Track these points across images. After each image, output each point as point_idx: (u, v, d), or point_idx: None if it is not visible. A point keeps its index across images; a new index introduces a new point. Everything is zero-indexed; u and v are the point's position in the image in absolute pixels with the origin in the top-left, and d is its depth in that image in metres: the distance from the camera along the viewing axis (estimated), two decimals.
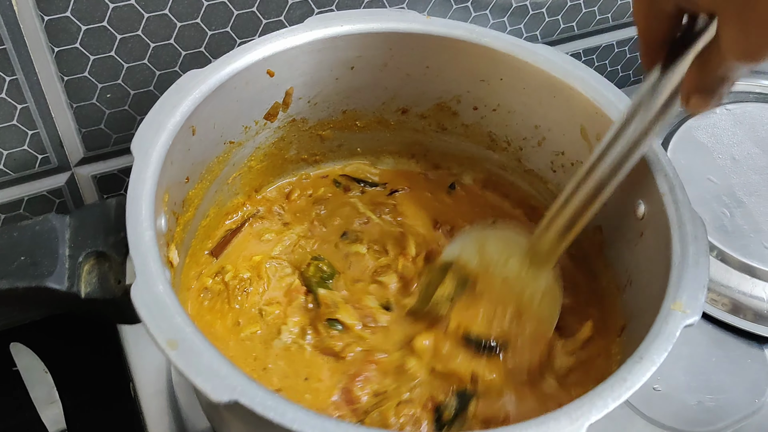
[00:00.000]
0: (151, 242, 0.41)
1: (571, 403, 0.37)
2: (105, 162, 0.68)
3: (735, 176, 0.77)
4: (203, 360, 0.36)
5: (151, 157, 0.46)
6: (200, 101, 0.50)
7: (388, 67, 0.61)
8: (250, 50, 0.54)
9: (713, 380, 0.65)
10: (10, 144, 0.62)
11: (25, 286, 0.40)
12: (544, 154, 0.62)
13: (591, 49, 0.87)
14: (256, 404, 0.35)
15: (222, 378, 0.36)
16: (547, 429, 0.36)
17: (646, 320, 0.44)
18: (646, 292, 0.49)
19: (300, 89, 0.59)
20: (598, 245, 0.58)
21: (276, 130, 0.61)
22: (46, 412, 0.69)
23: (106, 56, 0.60)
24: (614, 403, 0.37)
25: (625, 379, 0.39)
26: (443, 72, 0.61)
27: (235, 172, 0.60)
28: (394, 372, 0.53)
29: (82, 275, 0.42)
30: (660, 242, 0.48)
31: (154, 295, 0.38)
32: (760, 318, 0.68)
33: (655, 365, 0.39)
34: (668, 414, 0.62)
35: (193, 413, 0.59)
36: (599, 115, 0.54)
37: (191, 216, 0.54)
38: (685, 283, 0.43)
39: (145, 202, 0.43)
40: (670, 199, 0.48)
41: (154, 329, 0.37)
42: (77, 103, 0.62)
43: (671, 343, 0.40)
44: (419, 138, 0.67)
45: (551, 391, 0.52)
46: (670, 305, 0.42)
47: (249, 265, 0.59)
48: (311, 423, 0.34)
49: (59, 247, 0.43)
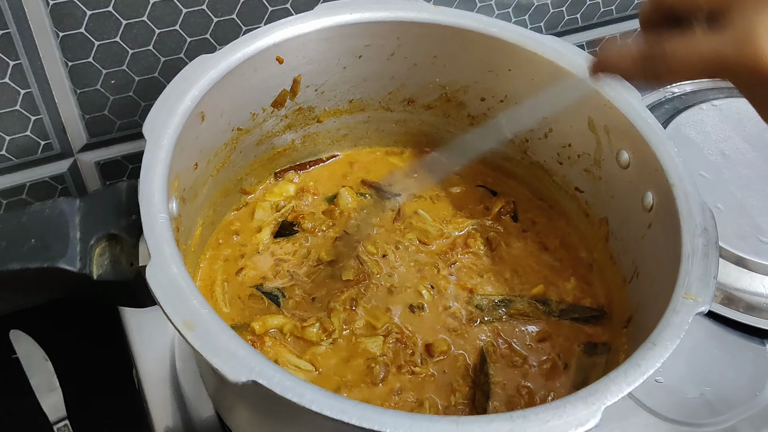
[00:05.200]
0: (165, 224, 0.41)
1: (585, 388, 0.38)
2: (108, 148, 0.67)
3: (726, 171, 0.78)
4: (220, 341, 0.36)
5: (162, 141, 0.45)
6: (209, 87, 0.50)
7: (396, 56, 0.61)
8: (259, 36, 0.53)
9: (714, 373, 0.65)
10: (12, 129, 0.61)
11: (37, 267, 0.40)
12: (550, 146, 0.62)
13: (594, 41, 0.87)
14: (275, 385, 0.35)
15: (240, 359, 0.35)
16: (564, 412, 0.36)
17: (654, 311, 0.45)
18: (654, 283, 0.49)
19: (308, 77, 0.59)
20: (603, 237, 0.58)
21: (283, 118, 0.61)
22: (47, 399, 0.68)
23: (110, 42, 0.60)
24: (629, 387, 0.38)
25: (639, 364, 0.39)
26: (451, 62, 0.61)
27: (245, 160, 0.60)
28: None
29: (93, 257, 0.42)
30: (669, 234, 0.48)
31: (168, 277, 0.38)
32: (757, 311, 0.69)
33: (668, 351, 0.40)
34: (670, 406, 0.62)
35: (198, 401, 0.59)
36: (607, 106, 0.55)
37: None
38: (696, 274, 0.44)
39: (158, 185, 0.43)
40: (680, 190, 0.48)
41: (171, 310, 0.37)
42: (81, 89, 0.62)
43: (683, 330, 0.41)
44: (425, 129, 0.67)
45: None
46: (681, 295, 0.43)
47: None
48: (330, 404, 0.34)
49: (70, 231, 0.42)
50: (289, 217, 0.61)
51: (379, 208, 0.63)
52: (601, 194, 0.59)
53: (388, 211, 0.63)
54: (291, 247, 0.60)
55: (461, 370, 0.53)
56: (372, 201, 0.64)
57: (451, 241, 0.61)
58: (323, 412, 0.34)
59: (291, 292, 0.56)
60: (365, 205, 0.63)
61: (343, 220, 0.61)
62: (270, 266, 0.58)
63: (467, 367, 0.53)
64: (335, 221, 0.61)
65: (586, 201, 0.61)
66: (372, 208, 0.63)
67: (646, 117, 0.53)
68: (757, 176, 0.78)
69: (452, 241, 0.61)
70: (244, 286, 0.56)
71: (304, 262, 0.58)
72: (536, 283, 0.59)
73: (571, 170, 0.61)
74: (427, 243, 0.61)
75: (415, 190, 0.65)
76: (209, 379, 0.51)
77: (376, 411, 0.35)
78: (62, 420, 0.68)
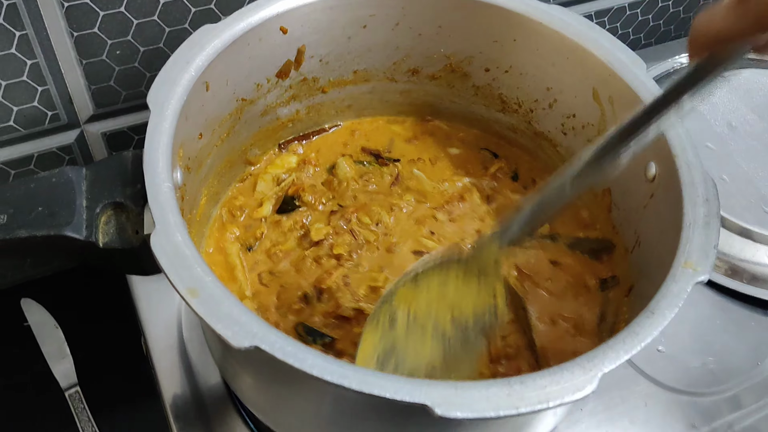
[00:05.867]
0: (169, 193, 0.41)
1: (583, 354, 0.38)
2: (115, 119, 0.68)
3: (733, 143, 0.78)
4: (223, 308, 0.37)
5: (167, 111, 0.46)
6: (214, 57, 0.50)
7: (400, 26, 0.60)
8: (264, 6, 0.53)
9: (717, 343, 0.66)
10: (20, 100, 0.62)
11: (44, 234, 0.40)
12: (554, 116, 0.62)
13: (602, 11, 0.86)
14: (276, 350, 0.35)
15: (242, 325, 0.36)
16: (561, 378, 0.36)
17: (656, 280, 0.45)
18: (655, 252, 0.49)
19: (312, 47, 0.59)
20: (606, 207, 0.59)
21: (287, 89, 0.61)
22: (58, 367, 0.69)
23: (115, 12, 0.60)
24: (626, 354, 0.38)
25: (637, 333, 0.39)
26: (456, 32, 0.61)
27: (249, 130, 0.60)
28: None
29: (99, 225, 0.42)
30: (671, 204, 0.48)
31: (173, 245, 0.39)
32: (761, 282, 0.69)
33: (666, 320, 0.40)
34: (671, 375, 0.63)
35: (205, 368, 0.60)
36: (613, 77, 0.54)
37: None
38: (696, 243, 0.44)
39: (162, 154, 0.43)
40: (683, 160, 0.48)
41: (175, 278, 0.37)
42: (87, 60, 0.62)
43: (682, 299, 0.41)
44: (429, 100, 0.67)
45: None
46: (681, 264, 0.43)
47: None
48: (330, 369, 0.35)
49: (76, 198, 0.43)
50: (290, 191, 0.61)
51: (378, 174, 0.63)
52: None
53: (387, 176, 0.63)
54: (291, 224, 0.60)
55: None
56: (370, 168, 0.64)
57: (448, 195, 0.62)
58: (324, 377, 0.35)
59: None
60: (364, 173, 0.63)
61: (341, 191, 0.62)
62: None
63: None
64: (334, 193, 0.62)
65: None
66: (370, 176, 0.63)
67: (651, 88, 0.53)
68: (764, 148, 0.77)
69: (449, 195, 0.62)
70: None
71: (295, 249, 0.58)
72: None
73: (575, 141, 0.61)
74: (424, 202, 0.61)
75: (414, 155, 0.65)
76: (215, 346, 0.52)
77: (375, 376, 0.35)
78: (73, 386, 0.69)
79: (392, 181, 0.63)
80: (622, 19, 0.89)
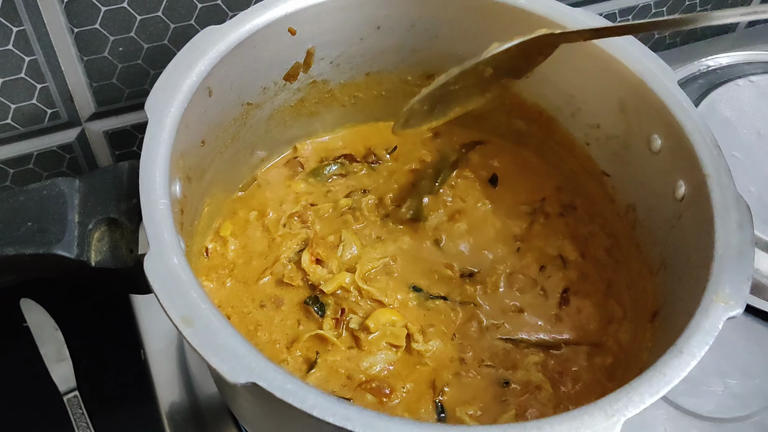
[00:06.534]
0: (166, 211, 0.39)
1: (606, 397, 0.35)
2: (117, 117, 0.65)
3: (761, 152, 0.74)
4: (219, 339, 0.34)
5: (165, 120, 0.43)
6: (217, 61, 0.48)
7: (416, 28, 0.57)
8: (271, 6, 0.51)
9: (740, 365, 0.63)
10: (17, 98, 0.60)
11: (32, 252, 0.38)
12: (577, 126, 0.59)
13: (627, 9, 0.82)
14: (275, 388, 0.33)
15: (239, 358, 0.34)
16: (581, 424, 0.34)
17: (683, 308, 0.42)
18: (684, 278, 0.47)
19: (322, 49, 0.56)
20: (630, 224, 0.56)
21: (295, 92, 0.58)
22: (57, 369, 0.68)
23: (118, 7, 0.57)
24: (651, 398, 0.36)
25: (664, 373, 0.37)
26: (474, 35, 0.58)
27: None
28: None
29: (92, 243, 0.40)
30: (701, 227, 0.45)
31: (168, 268, 0.36)
32: None
33: (695, 359, 0.37)
34: (692, 400, 0.60)
35: (203, 378, 0.58)
36: (642, 87, 0.51)
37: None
38: (729, 274, 0.41)
39: (159, 168, 0.41)
40: (716, 182, 0.45)
41: (168, 305, 0.35)
42: (88, 56, 0.59)
43: (713, 337, 0.38)
44: None
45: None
46: (713, 297, 0.40)
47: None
48: (332, 410, 0.33)
49: (68, 213, 0.41)
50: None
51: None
52: (629, 179, 0.56)
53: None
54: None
55: None
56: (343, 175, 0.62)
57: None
58: (325, 418, 0.32)
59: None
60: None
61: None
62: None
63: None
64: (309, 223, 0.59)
65: (612, 186, 0.58)
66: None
67: (682, 100, 0.49)
68: None
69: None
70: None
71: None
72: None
73: (599, 153, 0.58)
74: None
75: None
76: (212, 371, 0.50)
77: (381, 418, 0.33)
78: (72, 391, 0.67)
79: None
80: (647, 18, 0.85)
